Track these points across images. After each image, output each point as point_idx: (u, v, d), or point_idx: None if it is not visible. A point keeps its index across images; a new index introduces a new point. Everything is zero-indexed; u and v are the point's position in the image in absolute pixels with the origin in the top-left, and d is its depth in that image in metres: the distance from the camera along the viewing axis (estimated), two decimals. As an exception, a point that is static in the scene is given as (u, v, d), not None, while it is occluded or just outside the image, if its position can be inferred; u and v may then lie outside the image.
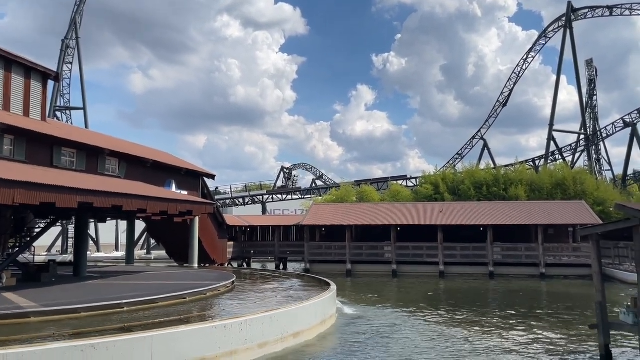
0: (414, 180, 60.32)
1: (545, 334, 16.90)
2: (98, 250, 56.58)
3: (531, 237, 37.04)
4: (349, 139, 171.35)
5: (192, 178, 31.65)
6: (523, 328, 17.86)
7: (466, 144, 66.86)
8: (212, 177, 33.53)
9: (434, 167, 71.79)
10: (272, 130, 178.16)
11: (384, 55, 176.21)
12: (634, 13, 57.21)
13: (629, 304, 13.62)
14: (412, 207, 42.01)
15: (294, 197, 65.98)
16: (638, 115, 55.35)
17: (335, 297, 19.27)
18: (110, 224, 54.22)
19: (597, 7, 58.83)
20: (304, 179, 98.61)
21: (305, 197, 64.09)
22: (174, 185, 29.38)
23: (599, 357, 13.11)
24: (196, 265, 29.52)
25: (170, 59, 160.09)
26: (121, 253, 51.10)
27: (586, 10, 59.27)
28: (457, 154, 66.82)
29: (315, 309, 15.74)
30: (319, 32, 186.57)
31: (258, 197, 65.67)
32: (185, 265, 30.83)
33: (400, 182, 59.79)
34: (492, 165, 57.69)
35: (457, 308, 22.45)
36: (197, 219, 29.30)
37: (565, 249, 36.14)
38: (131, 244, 32.17)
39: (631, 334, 13.30)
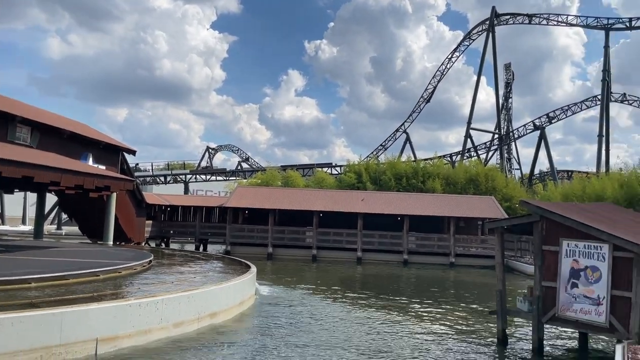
0: (338, 168, 61.40)
1: (449, 318, 18.04)
2: (3, 223, 52.93)
3: (444, 228, 39.04)
4: (277, 123, 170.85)
5: (111, 153, 30.37)
6: (429, 312, 18.95)
7: (390, 136, 68.87)
8: (133, 152, 32.36)
9: (358, 156, 73.26)
10: (198, 109, 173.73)
11: (316, 42, 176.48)
12: (550, 23, 61.19)
13: (526, 292, 14.90)
14: (335, 194, 42.84)
15: (218, 178, 65.06)
16: (547, 119, 59.55)
17: (254, 279, 19.43)
18: (18, 195, 50.87)
19: (518, 15, 62.32)
20: (230, 161, 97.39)
21: (230, 179, 63.41)
22: (91, 159, 28.06)
23: (496, 340, 14.25)
24: (111, 242, 28.47)
25: (92, 25, 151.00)
26: (29, 227, 48.14)
27: (508, 17, 62.62)
28: (381, 145, 68.71)
29: (233, 290, 15.82)
30: (252, 12, 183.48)
31: (181, 176, 64.08)
32: (99, 242, 29.65)
33: (325, 169, 60.65)
34: (413, 158, 59.99)
35: (370, 292, 23.36)
36: (114, 195, 28.21)
37: (474, 240, 38.41)
38: (41, 218, 30.45)
39: (525, 320, 14.51)
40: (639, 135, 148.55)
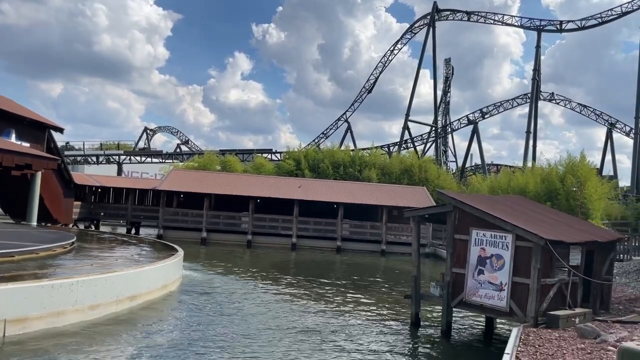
0: (279, 155, 61.43)
1: (371, 301, 18.76)
2: None
3: (377, 217, 40.07)
4: (222, 106, 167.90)
5: (36, 129, 29.06)
6: (355, 297, 19.59)
7: (331, 125, 69.50)
8: (61, 130, 31.10)
9: (299, 143, 73.56)
10: (139, 88, 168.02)
11: (264, 25, 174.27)
12: (487, 21, 63.43)
13: (439, 279, 15.69)
14: (273, 180, 42.94)
15: (154, 160, 63.52)
16: (480, 114, 61.97)
17: (180, 263, 19.34)
18: None
19: (458, 11, 64.16)
20: (171, 143, 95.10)
21: (167, 161, 62.05)
22: (13, 135, 26.77)
23: (409, 323, 14.99)
24: (35, 223, 27.40)
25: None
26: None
27: (448, 13, 64.36)
28: (323, 133, 69.25)
29: (155, 273, 15.73)
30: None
31: (114, 157, 62.05)
32: (22, 222, 28.44)
33: (265, 155, 60.50)
34: (354, 147, 60.93)
35: (301, 278, 23.79)
36: (39, 174, 27.08)
37: (405, 229, 39.63)
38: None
39: (437, 304, 15.29)
40: (569, 132, 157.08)
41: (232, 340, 12.37)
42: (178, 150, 78.78)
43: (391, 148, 62.99)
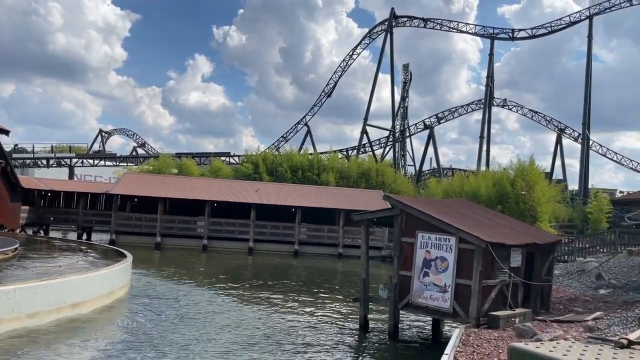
0: (237, 158, 60.99)
1: (324, 304, 18.85)
2: None
3: (335, 220, 40.29)
4: (181, 108, 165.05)
5: (-21, 131, 27.91)
6: (308, 299, 19.66)
7: (291, 129, 69.52)
8: (6, 132, 29.93)
9: (257, 147, 73.23)
10: (95, 89, 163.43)
11: (224, 28, 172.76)
12: (443, 28, 64.94)
13: (387, 281, 15.92)
14: (230, 184, 42.60)
15: (108, 163, 61.96)
16: (436, 119, 63.28)
17: (128, 269, 18.93)
18: None
19: (415, 18, 65.42)
20: (128, 146, 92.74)
21: (121, 164, 60.62)
22: (-46, 138, 25.64)
23: (358, 326, 15.14)
24: (-23, 229, 26.30)
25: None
26: None
27: (405, 19, 65.53)
28: (282, 137, 69.20)
29: (100, 279, 15.35)
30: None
31: (65, 160, 60.18)
32: (-37, 229, 27.26)
33: (223, 158, 59.97)
34: (314, 151, 61.12)
35: (256, 282, 23.69)
36: (-19, 178, 26.03)
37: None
38: None
39: (386, 307, 15.48)
40: (524, 137, 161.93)
41: (180, 347, 12.20)
42: (134, 153, 77.05)
43: (350, 152, 63.50)
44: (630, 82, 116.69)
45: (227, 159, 60.94)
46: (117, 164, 61.62)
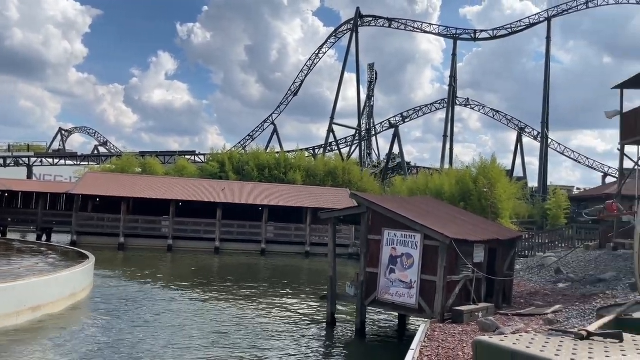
0: (202, 157, 60.29)
1: (291, 303, 18.87)
2: None
3: (302, 218, 40.31)
4: (145, 106, 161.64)
5: None
6: (275, 298, 19.64)
7: (258, 127, 69.21)
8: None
9: (223, 146, 72.54)
10: (54, 86, 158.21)
11: (189, 25, 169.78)
12: (407, 28, 65.78)
13: (354, 279, 16.04)
14: (195, 183, 42.08)
15: (69, 162, 60.27)
16: (401, 118, 64.07)
17: (91, 270, 18.49)
18: None
19: (380, 18, 66.02)
20: (90, 144, 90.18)
21: (82, 163, 59.05)
22: None
23: (325, 323, 15.21)
24: None
25: None
26: None
27: (371, 19, 66.06)
28: (249, 135, 68.82)
29: (62, 281, 14.95)
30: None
31: (23, 159, 58.24)
32: None
33: (188, 157, 59.17)
34: (281, 150, 60.95)
35: (222, 282, 23.50)
36: None
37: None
38: None
39: (353, 304, 15.61)
40: (486, 136, 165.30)
41: (144, 349, 12.00)
42: (96, 152, 75.19)
43: (316, 150, 63.64)
44: (586, 82, 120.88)
45: (193, 158, 60.15)
46: (78, 163, 59.98)
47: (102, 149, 78.35)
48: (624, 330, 3.70)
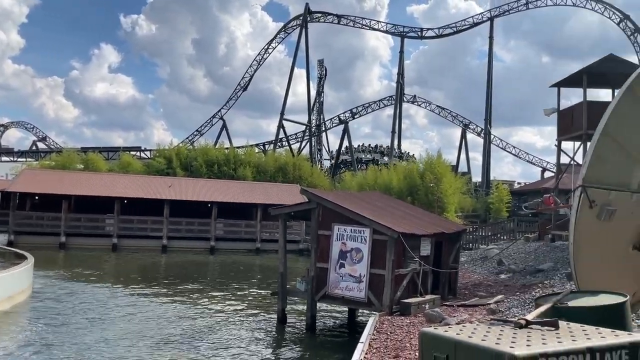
0: (148, 153, 58.76)
1: (241, 300, 18.73)
2: None
3: (252, 215, 40.04)
4: (87, 100, 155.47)
5: None
6: (225, 296, 19.41)
7: (206, 122, 68.13)
8: None
9: (170, 141, 71.03)
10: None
11: (133, 16, 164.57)
12: (356, 25, 66.38)
13: (304, 274, 16.09)
14: (141, 179, 40.97)
15: (5, 159, 57.30)
16: (350, 114, 64.70)
17: (30, 271, 17.67)
18: None
19: (329, 14, 66.30)
20: (28, 140, 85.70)
21: (19, 160, 56.29)
22: None
23: (276, 319, 15.20)
24: None
25: None
26: None
27: (320, 15, 66.23)
28: (197, 130, 67.64)
29: (-3, 284, 14.22)
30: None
31: (-46, 155, 54.92)
32: None
33: (133, 153, 57.53)
34: (230, 145, 60.24)
35: (171, 280, 23.01)
36: None
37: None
38: None
39: (303, 299, 15.66)
40: (432, 132, 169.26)
41: (86, 351, 11.59)
42: (34, 147, 71.78)
43: (267, 146, 63.32)
44: (526, 81, 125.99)
45: (138, 154, 58.56)
46: (15, 159, 57.18)
47: (40, 145, 74.81)
48: (560, 318, 3.89)
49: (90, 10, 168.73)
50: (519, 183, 68.99)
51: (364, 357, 8.91)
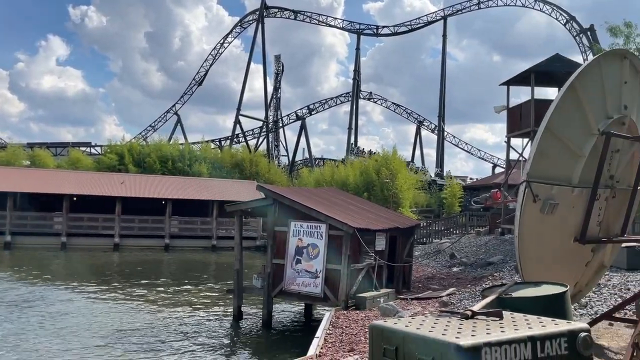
0: (99, 148, 57.04)
1: (196, 298, 18.48)
2: None
3: (208, 212, 39.53)
4: (33, 94, 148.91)
5: None
6: (179, 295, 19.11)
7: (160, 118, 66.77)
8: None
9: (122, 137, 69.20)
10: None
11: (82, 8, 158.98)
12: (312, 21, 66.40)
13: (260, 271, 16.03)
14: (91, 176, 39.78)
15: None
16: (307, 111, 64.75)
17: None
18: None
19: (285, 10, 66.05)
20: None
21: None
22: None
23: (232, 316, 15.09)
24: None
25: None
26: None
27: (276, 10, 65.87)
28: (150, 126, 66.18)
29: None
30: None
31: None
32: None
33: (83, 149, 55.70)
34: (185, 141, 59.17)
35: (123, 279, 22.45)
36: None
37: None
38: None
39: (260, 296, 15.61)
40: (388, 129, 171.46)
41: (33, 353, 11.18)
42: (-25, 143, 68.35)
43: (223, 142, 62.62)
44: (478, 79, 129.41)
45: (88, 150, 56.74)
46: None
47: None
48: (505, 308, 4.04)
49: (36, 1, 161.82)
50: (471, 178, 70.86)
51: (320, 352, 8.97)
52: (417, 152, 67.54)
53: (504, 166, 30.31)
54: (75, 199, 36.05)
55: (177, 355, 11.61)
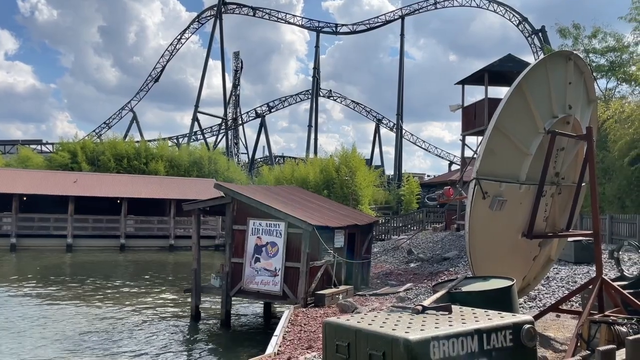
0: (50, 146, 55.09)
1: (153, 298, 18.14)
2: None
3: (165, 211, 38.80)
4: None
5: None
6: (135, 295, 18.69)
7: (115, 114, 64.98)
8: None
9: (75, 134, 67.14)
10: None
11: (32, 0, 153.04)
12: (271, 18, 66.07)
13: (219, 270, 15.89)
14: (42, 175, 38.35)
15: None
16: (267, 108, 64.43)
17: None
18: None
19: (244, 6, 65.39)
20: None
21: None
22: None
23: (190, 316, 14.90)
24: None
25: None
26: None
27: (235, 6, 65.15)
28: (105, 123, 64.34)
29: None
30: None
31: None
32: None
33: (33, 146, 53.65)
34: (141, 139, 57.80)
35: (76, 281, 21.79)
36: None
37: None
38: None
39: (218, 295, 15.49)
40: (347, 127, 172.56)
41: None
42: None
43: (180, 140, 61.56)
44: (435, 78, 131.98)
45: (39, 148, 54.70)
46: None
47: None
48: (454, 302, 4.16)
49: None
50: (428, 176, 72.21)
51: (278, 350, 8.99)
52: (376, 149, 68.26)
53: (460, 163, 31.04)
54: (25, 198, 34.74)
55: (133, 357, 11.39)
